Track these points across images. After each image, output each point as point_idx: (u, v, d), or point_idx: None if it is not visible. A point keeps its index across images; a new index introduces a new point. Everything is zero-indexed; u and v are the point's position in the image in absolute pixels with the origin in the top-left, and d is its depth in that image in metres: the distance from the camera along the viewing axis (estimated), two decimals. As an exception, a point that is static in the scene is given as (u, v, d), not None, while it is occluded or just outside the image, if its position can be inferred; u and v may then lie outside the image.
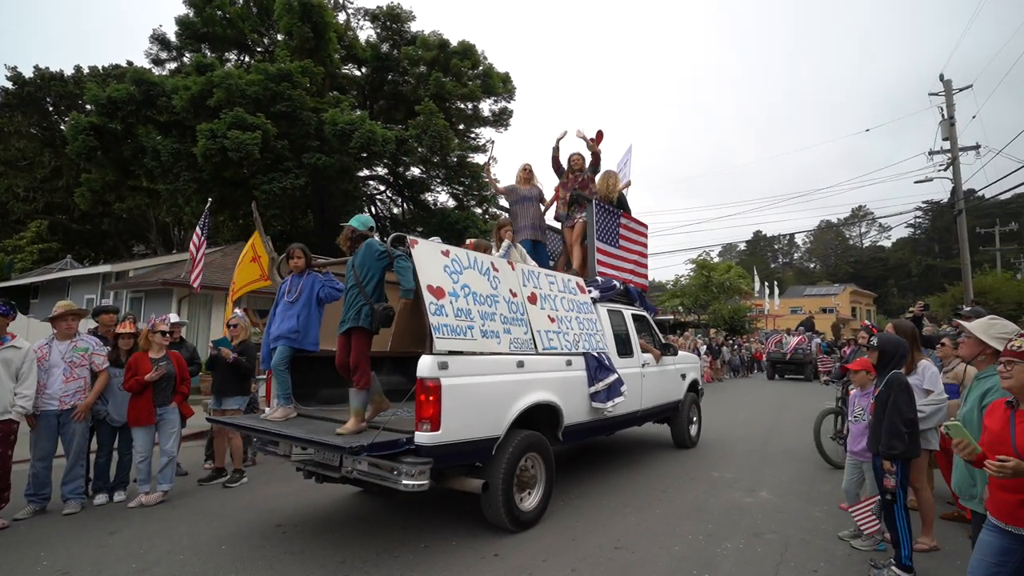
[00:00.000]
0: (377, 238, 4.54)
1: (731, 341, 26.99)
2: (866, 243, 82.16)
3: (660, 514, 4.90)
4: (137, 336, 5.44)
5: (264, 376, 7.63)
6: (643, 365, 6.62)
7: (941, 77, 16.58)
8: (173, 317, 5.90)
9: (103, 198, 21.87)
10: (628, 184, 8.36)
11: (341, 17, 24.52)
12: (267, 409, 4.82)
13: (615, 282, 6.75)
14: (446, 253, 4.33)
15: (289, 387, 4.69)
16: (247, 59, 23.73)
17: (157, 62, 24.03)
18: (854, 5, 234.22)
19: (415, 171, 25.13)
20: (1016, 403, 2.37)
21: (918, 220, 65.43)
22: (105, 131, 18.07)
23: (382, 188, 27.18)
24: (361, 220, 4.54)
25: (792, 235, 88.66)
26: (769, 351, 22.74)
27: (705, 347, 20.60)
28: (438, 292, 4.09)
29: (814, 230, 79.23)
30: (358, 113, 20.48)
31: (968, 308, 6.02)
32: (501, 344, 4.45)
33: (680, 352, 8.04)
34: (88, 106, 19.78)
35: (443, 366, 3.82)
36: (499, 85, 24.47)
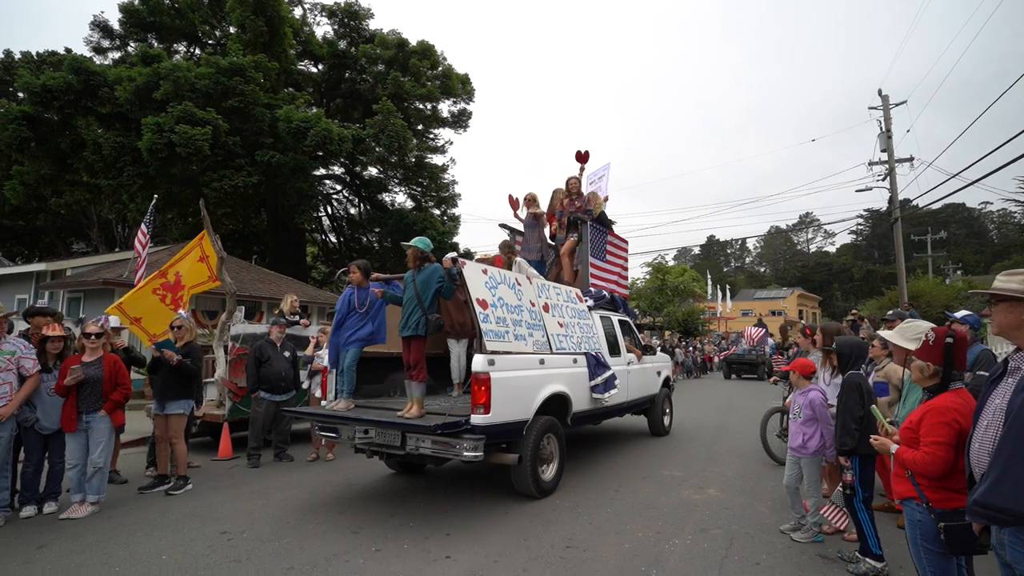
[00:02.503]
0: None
1: (684, 343, 27.73)
2: (812, 248, 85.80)
3: (611, 513, 4.99)
4: (67, 339, 5.15)
5: (212, 379, 7.56)
6: (628, 363, 7.59)
7: (879, 92, 17.50)
8: (114, 320, 5.63)
9: (38, 192, 20.59)
10: (606, 199, 8.97)
11: (297, 12, 23.95)
12: (324, 402, 5.66)
13: (604, 292, 7.73)
14: (484, 272, 5.25)
15: (354, 383, 5.43)
16: (197, 51, 22.86)
17: (99, 51, 22.87)
18: (801, 23, 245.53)
19: (372, 171, 24.82)
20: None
21: (860, 227, 68.91)
22: (40, 121, 17.06)
23: (338, 187, 26.68)
24: (425, 242, 5.24)
25: (744, 240, 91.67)
26: (728, 354, 24.51)
27: (659, 349, 21.12)
28: (483, 304, 4.98)
29: (764, 235, 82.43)
30: (314, 111, 20.03)
31: (892, 312, 6.38)
32: (527, 345, 5.40)
33: (657, 352, 9.23)
34: (20, 94, 18.60)
35: (491, 362, 4.72)
36: (458, 86, 24.44)
